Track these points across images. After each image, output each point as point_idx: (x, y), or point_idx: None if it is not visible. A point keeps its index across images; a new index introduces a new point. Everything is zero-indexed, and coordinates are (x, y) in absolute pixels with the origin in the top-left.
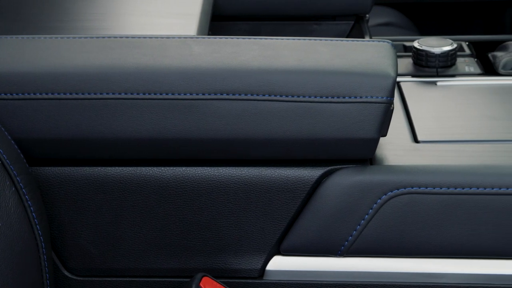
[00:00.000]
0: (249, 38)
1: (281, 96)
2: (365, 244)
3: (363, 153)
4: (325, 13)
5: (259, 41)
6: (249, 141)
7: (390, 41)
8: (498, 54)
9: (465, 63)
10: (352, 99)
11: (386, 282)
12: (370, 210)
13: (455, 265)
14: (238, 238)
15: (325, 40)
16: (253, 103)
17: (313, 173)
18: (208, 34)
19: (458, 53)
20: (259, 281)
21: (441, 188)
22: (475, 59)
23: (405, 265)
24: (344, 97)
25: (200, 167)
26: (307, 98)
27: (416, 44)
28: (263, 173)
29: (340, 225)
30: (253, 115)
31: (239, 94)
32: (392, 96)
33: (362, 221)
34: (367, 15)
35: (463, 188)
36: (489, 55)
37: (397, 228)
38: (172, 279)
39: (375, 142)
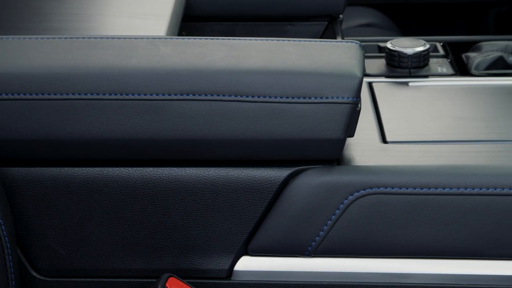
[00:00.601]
0: (217, 39)
1: (247, 96)
2: (332, 244)
3: (329, 154)
4: (299, 14)
5: (226, 42)
6: (216, 142)
7: (358, 42)
8: (471, 55)
9: (438, 64)
10: (318, 100)
11: (353, 282)
12: (337, 211)
13: (422, 265)
14: (206, 238)
15: (293, 40)
16: (219, 103)
17: (280, 173)
18: (181, 35)
19: (432, 53)
20: (227, 281)
21: (407, 189)
22: (449, 60)
23: (372, 265)
24: (310, 98)
25: (167, 168)
26: (273, 99)
27: (389, 44)
28: (230, 173)
29: (307, 225)
30: (219, 116)
31: (205, 95)
32: (358, 96)
33: (329, 221)
34: (341, 16)
35: (429, 189)
36: (463, 55)
37: (364, 228)
38: (140, 280)
39: (342, 142)
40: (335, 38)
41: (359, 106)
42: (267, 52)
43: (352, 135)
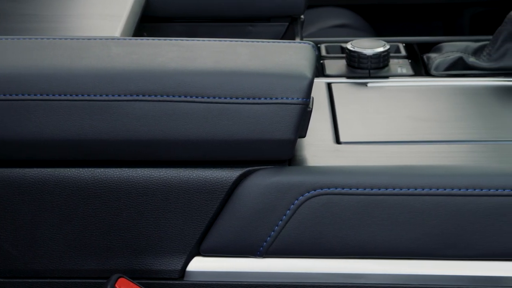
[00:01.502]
0: (170, 40)
1: (196, 97)
2: (284, 244)
3: (280, 154)
4: (260, 15)
5: (179, 43)
6: (166, 142)
7: (311, 43)
8: (432, 55)
9: (398, 65)
10: (268, 100)
11: (305, 282)
12: (288, 211)
13: (373, 266)
14: (158, 239)
15: (246, 41)
16: (169, 104)
17: (231, 174)
18: (142, 36)
19: (392, 54)
20: (179, 282)
21: (357, 189)
22: (409, 61)
23: (324, 265)
24: (259, 98)
25: (118, 168)
26: (222, 99)
27: (349, 45)
28: (181, 174)
29: (258, 225)
30: (169, 116)
31: (155, 95)
32: (308, 97)
33: (280, 221)
34: (302, 17)
35: (379, 189)
36: (424, 56)
37: (315, 229)
38: (93, 280)
39: (292, 143)
40: (294, 39)
41: (310, 106)
42: (218, 53)
43: (304, 136)
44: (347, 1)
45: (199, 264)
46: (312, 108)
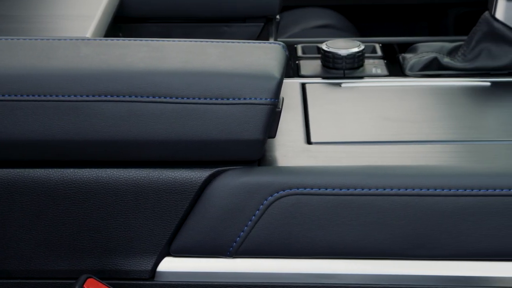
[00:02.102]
0: (140, 40)
1: (165, 97)
2: (253, 245)
3: (249, 155)
4: (235, 15)
5: (149, 43)
6: (135, 143)
7: (282, 43)
8: (407, 55)
9: (373, 65)
10: (236, 101)
11: (275, 283)
12: (257, 211)
13: (343, 266)
14: (128, 239)
15: (216, 42)
16: (138, 104)
17: (201, 174)
18: (118, 36)
19: (368, 55)
20: (150, 282)
21: (326, 189)
22: (385, 61)
23: (294, 265)
24: (228, 99)
25: (87, 169)
26: (191, 100)
27: (324, 46)
28: (150, 174)
29: (227, 226)
30: (138, 117)
31: (123, 96)
32: (276, 97)
33: (250, 222)
34: (277, 17)
35: (348, 189)
36: (399, 56)
37: (285, 229)
38: (63, 281)
39: (261, 143)
40: (268, 39)
41: (279, 107)
42: (187, 53)
43: (273, 136)
44: (331, 1)
45: (169, 265)
46: (281, 109)
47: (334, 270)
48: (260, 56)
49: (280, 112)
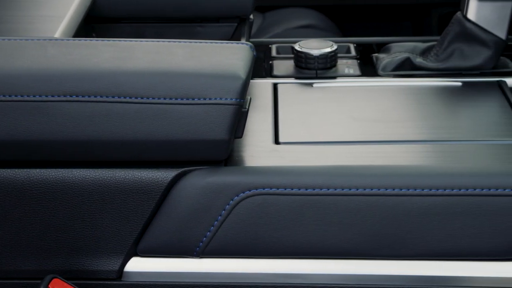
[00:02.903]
0: (108, 40)
1: (130, 98)
2: (220, 245)
3: (215, 155)
4: (209, 15)
5: (116, 43)
6: (100, 143)
7: (250, 44)
8: (381, 55)
9: (346, 65)
10: (201, 101)
11: (242, 283)
12: (223, 211)
13: (310, 266)
14: (95, 239)
15: (184, 42)
16: (103, 105)
17: (167, 174)
18: (92, 36)
19: (341, 55)
20: (117, 282)
21: (292, 189)
22: (358, 61)
23: (261, 265)
24: (193, 99)
25: (54, 169)
26: (156, 100)
27: (296, 46)
28: (117, 174)
29: (194, 226)
30: (104, 117)
31: (88, 96)
32: (242, 97)
33: (216, 222)
34: (251, 17)
35: (314, 189)
36: (373, 56)
37: (251, 229)
38: (29, 281)
39: (227, 143)
40: (239, 39)
41: (245, 107)
42: (154, 54)
43: (240, 136)
44: (315, 2)
45: (136, 265)
46: (248, 109)
47: (301, 270)
48: (227, 56)
49: (246, 112)
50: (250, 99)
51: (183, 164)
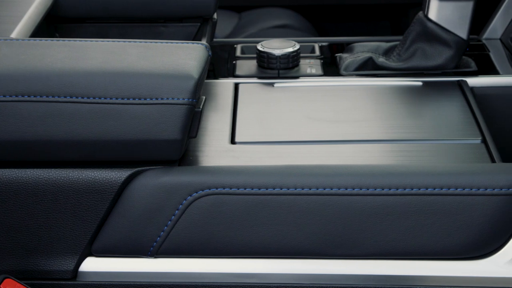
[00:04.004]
0: (63, 40)
1: (82, 98)
2: (174, 244)
3: (168, 155)
4: (172, 15)
5: (71, 43)
6: (53, 143)
7: (205, 44)
8: (344, 55)
9: (309, 65)
10: (153, 101)
11: (197, 282)
12: (176, 211)
13: (264, 265)
14: (49, 239)
15: (139, 42)
16: (55, 105)
17: (120, 174)
18: (55, 37)
19: (304, 54)
20: (72, 282)
21: (245, 189)
22: (321, 61)
23: (216, 265)
24: (145, 99)
25: (7, 169)
26: (108, 100)
27: (259, 46)
28: (70, 174)
29: (147, 225)
30: (56, 117)
31: (41, 96)
32: (194, 97)
33: (169, 222)
34: (214, 17)
35: (266, 189)
36: (336, 56)
37: (205, 229)
38: None
39: (180, 143)
40: (200, 39)
41: (199, 107)
42: (107, 54)
43: (194, 136)
44: (292, 2)
45: (91, 265)
46: (202, 109)
47: (255, 270)
48: (180, 56)
49: (200, 112)
50: (205, 98)
51: (136, 164)
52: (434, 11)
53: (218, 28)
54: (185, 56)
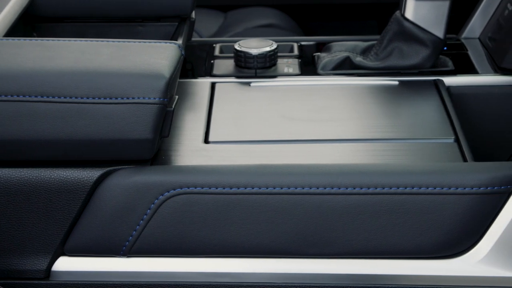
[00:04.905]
0: (36, 40)
1: (53, 97)
2: (146, 244)
3: (140, 154)
4: (150, 15)
5: (43, 43)
6: (24, 143)
7: (178, 43)
8: (322, 55)
9: (286, 64)
10: (125, 100)
11: (170, 282)
12: (148, 210)
13: (237, 264)
14: (21, 239)
15: (112, 41)
16: (26, 104)
17: (92, 174)
18: (32, 36)
19: (282, 54)
20: (45, 282)
21: (217, 188)
22: (299, 60)
23: (188, 264)
24: (116, 98)
25: None
26: (79, 100)
27: (236, 45)
28: (42, 174)
29: (119, 225)
30: (27, 117)
31: (11, 96)
32: (165, 97)
33: (141, 221)
34: (193, 17)
35: (238, 188)
36: (315, 56)
37: (177, 228)
38: None
39: (151, 142)
40: (176, 39)
41: (171, 106)
42: (79, 53)
43: (166, 136)
44: (279, 1)
45: (64, 264)
46: (174, 108)
47: (228, 269)
48: (152, 55)
49: (172, 111)
50: (178, 98)
51: (108, 164)
52: (410, 11)
53: (203, 27)
54: (157, 55)
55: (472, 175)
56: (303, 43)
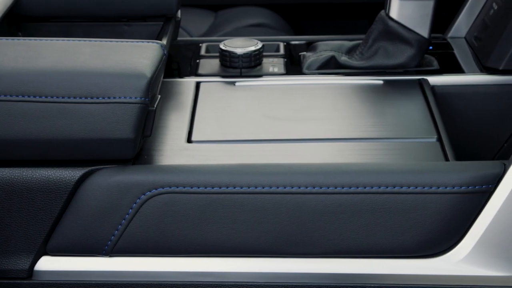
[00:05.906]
0: (18, 39)
1: (34, 97)
2: (128, 243)
3: (122, 154)
4: (135, 14)
5: (26, 42)
6: (5, 142)
7: (160, 43)
8: (307, 54)
9: (271, 64)
10: (106, 100)
11: (152, 281)
12: (130, 210)
13: (219, 264)
14: (4, 238)
15: (94, 41)
16: (7, 104)
17: (74, 173)
18: (17, 35)
19: (268, 53)
20: (27, 281)
21: (198, 188)
22: (285, 60)
23: (171, 264)
24: (97, 98)
25: None
26: (60, 99)
27: (221, 45)
28: (24, 173)
29: (101, 224)
30: (7, 116)
31: None
32: (147, 96)
33: (123, 220)
34: (178, 16)
35: (220, 188)
36: (300, 55)
37: (159, 227)
38: None
39: (133, 142)
40: (161, 39)
41: (153, 106)
42: (60, 52)
43: (149, 135)
44: (269, 0)
45: (46, 264)
46: (156, 108)
47: (210, 268)
48: (134, 55)
49: (154, 111)
50: (160, 97)
51: (90, 163)
52: (395, 10)
53: (193, 27)
54: (139, 55)
55: (453, 174)
56: (291, 42)
